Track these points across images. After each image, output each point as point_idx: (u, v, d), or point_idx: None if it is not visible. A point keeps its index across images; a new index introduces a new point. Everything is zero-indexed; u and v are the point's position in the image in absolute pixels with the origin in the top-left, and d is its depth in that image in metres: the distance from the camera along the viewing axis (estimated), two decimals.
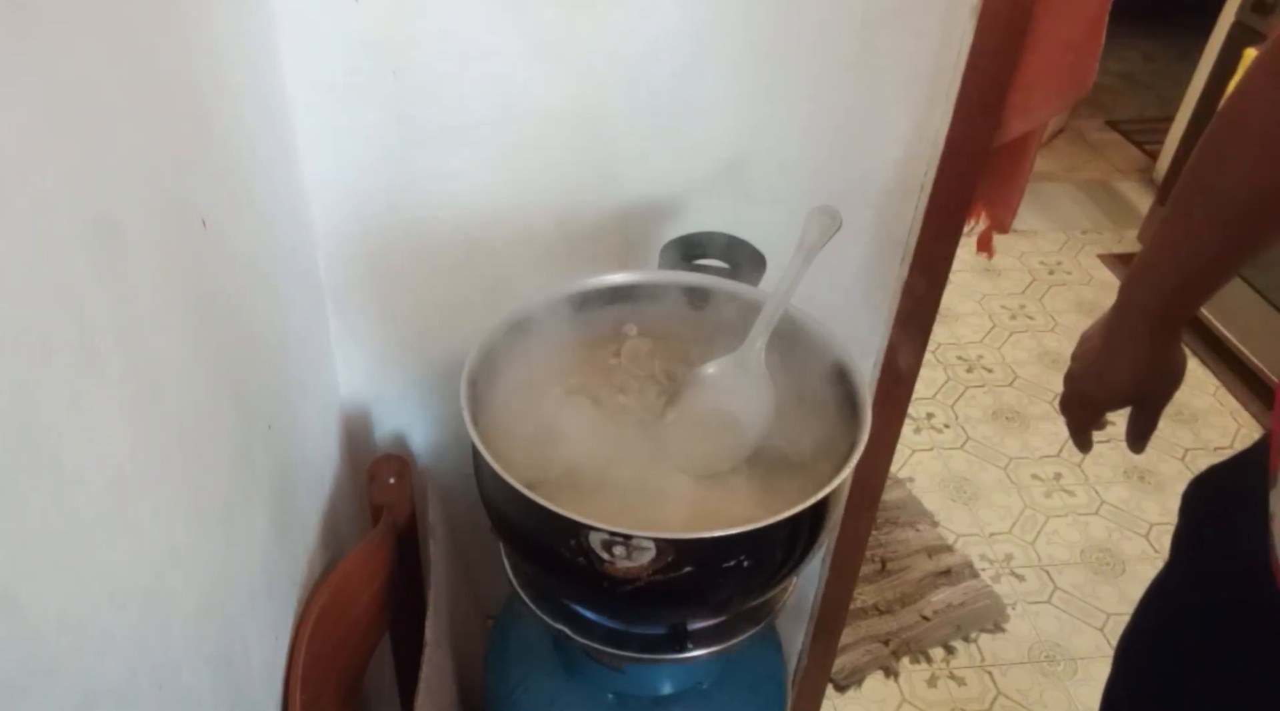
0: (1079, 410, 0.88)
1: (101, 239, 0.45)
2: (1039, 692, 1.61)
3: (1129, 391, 0.84)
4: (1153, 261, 0.79)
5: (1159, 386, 0.83)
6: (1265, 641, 0.69)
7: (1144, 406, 0.85)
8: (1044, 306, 2.57)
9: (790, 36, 0.85)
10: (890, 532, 1.88)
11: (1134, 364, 0.82)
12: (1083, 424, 0.89)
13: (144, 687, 0.49)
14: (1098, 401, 0.86)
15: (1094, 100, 3.44)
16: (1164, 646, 0.84)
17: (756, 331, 0.79)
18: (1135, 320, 0.80)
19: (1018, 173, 0.97)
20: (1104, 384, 0.84)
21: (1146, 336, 0.80)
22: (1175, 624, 0.83)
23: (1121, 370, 0.82)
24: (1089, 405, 0.87)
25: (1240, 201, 0.73)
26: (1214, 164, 0.74)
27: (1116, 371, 0.83)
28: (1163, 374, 0.82)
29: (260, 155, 0.74)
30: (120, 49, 0.48)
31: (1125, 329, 0.81)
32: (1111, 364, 0.83)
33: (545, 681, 0.92)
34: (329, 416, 0.96)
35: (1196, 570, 0.82)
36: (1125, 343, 0.82)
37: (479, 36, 0.80)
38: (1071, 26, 0.84)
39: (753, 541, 0.68)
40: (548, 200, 0.91)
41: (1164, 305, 0.78)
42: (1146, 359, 0.81)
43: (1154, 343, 0.80)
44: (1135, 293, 0.80)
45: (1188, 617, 0.81)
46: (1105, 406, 0.86)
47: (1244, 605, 0.70)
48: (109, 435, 0.45)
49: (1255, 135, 0.70)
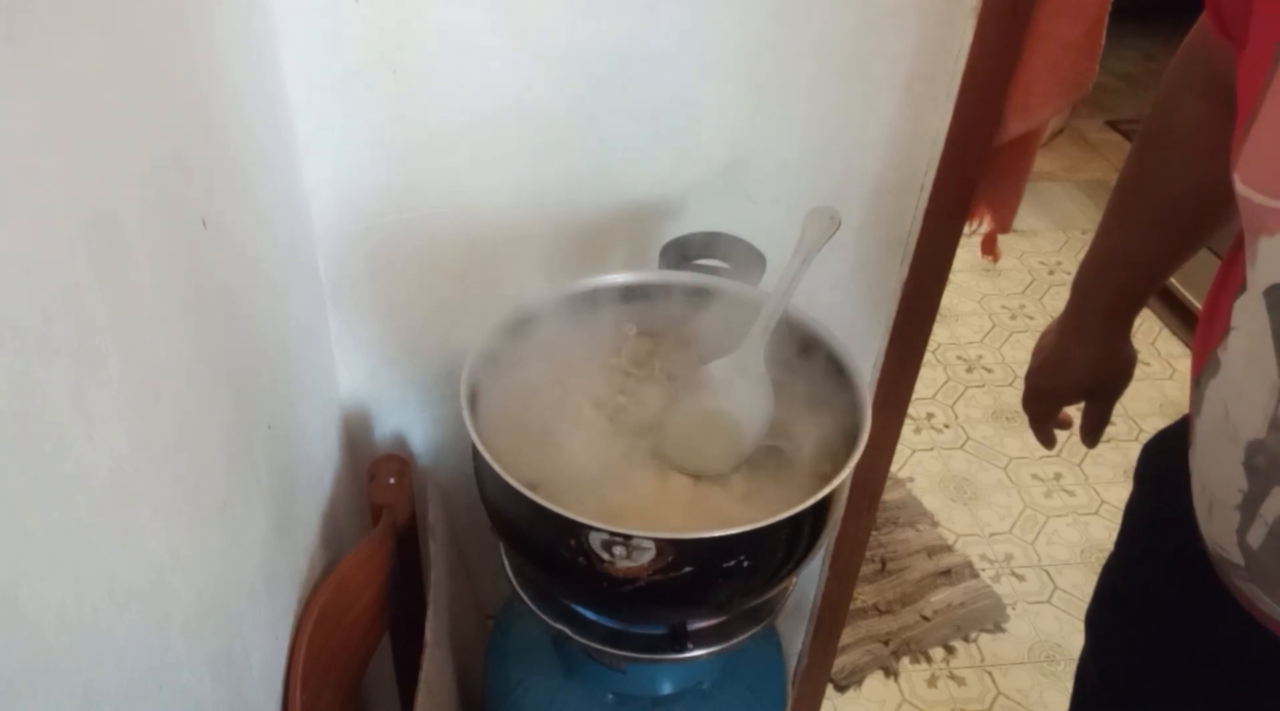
0: (1037, 404, 0.93)
1: (101, 239, 0.45)
2: (1039, 692, 1.61)
3: (1084, 382, 0.89)
4: (1099, 260, 0.83)
5: (1111, 379, 0.88)
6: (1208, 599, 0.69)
7: (1098, 399, 0.90)
8: (1044, 306, 2.57)
9: (790, 36, 0.85)
10: (890, 532, 1.88)
11: (1088, 357, 0.86)
12: (1042, 417, 0.93)
13: (144, 687, 0.49)
14: (1055, 394, 0.91)
15: (1094, 100, 3.44)
16: (1120, 615, 0.87)
17: (756, 331, 0.79)
18: (1088, 316, 0.85)
19: (1018, 173, 0.97)
20: (1060, 376, 0.89)
21: (1099, 331, 0.85)
22: (1126, 591, 0.86)
23: (1077, 363, 0.87)
24: (1046, 398, 0.92)
25: (1172, 200, 0.77)
26: (1146, 166, 0.78)
27: (1072, 364, 0.87)
28: (1115, 366, 0.87)
29: (260, 155, 0.74)
30: (120, 48, 0.48)
31: (1078, 324, 0.86)
32: (1067, 358, 0.87)
33: (545, 681, 0.92)
34: (329, 416, 0.96)
35: (1141, 535, 0.85)
36: (1079, 337, 0.86)
37: (479, 36, 0.80)
38: (1071, 26, 0.84)
39: (753, 541, 0.68)
40: (548, 200, 0.91)
41: (1113, 300, 0.83)
42: (1100, 352, 0.86)
43: (1106, 336, 0.85)
44: (1086, 290, 0.85)
45: (1135, 584, 0.85)
46: (1062, 399, 0.91)
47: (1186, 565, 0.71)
48: (109, 435, 0.45)
49: (1179, 138, 0.75)
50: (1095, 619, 0.91)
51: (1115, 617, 0.88)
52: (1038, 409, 0.93)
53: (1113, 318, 0.85)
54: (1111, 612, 0.88)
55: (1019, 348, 2.41)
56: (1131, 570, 0.85)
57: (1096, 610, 0.91)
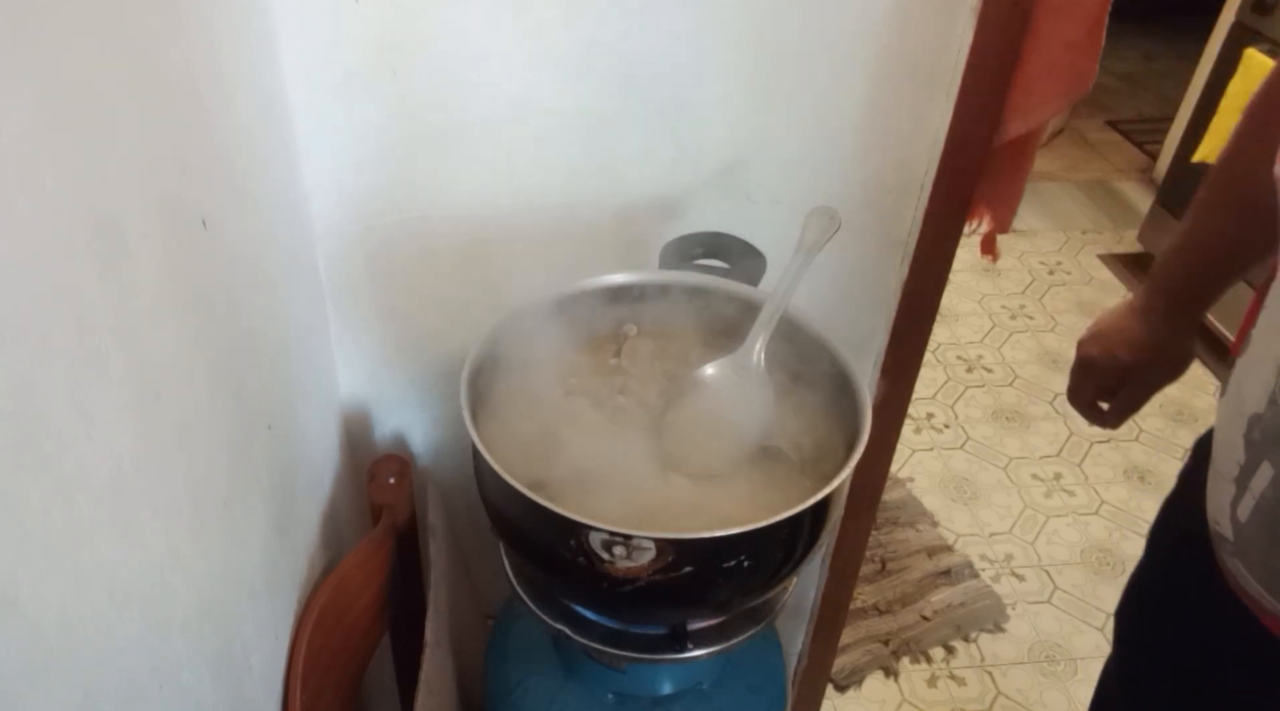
0: (1081, 376, 0.90)
1: (102, 239, 0.45)
2: (1039, 692, 1.61)
3: (1130, 358, 0.86)
4: (1181, 241, 0.82)
5: (1159, 364, 0.86)
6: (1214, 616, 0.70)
7: (1138, 384, 0.87)
8: (1044, 306, 2.57)
9: (790, 36, 0.85)
10: (890, 532, 1.88)
11: (1143, 333, 0.84)
12: (1084, 391, 0.90)
13: (144, 687, 0.49)
14: (1100, 366, 0.88)
15: (1094, 100, 3.44)
16: (1141, 625, 0.88)
17: (756, 332, 0.79)
18: (1155, 295, 0.84)
19: (1018, 173, 0.97)
20: (1110, 346, 0.87)
21: (1163, 310, 0.84)
22: (1147, 603, 0.87)
23: (1129, 336, 0.85)
24: (1089, 370, 0.89)
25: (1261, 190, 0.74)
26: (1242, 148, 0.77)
27: (1125, 336, 0.85)
28: (1167, 354, 0.85)
29: (260, 155, 0.74)
30: (121, 49, 0.48)
31: (1145, 302, 0.85)
32: (1122, 326, 0.86)
33: (545, 681, 0.92)
34: (329, 416, 0.96)
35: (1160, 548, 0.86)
36: (1143, 313, 0.85)
37: (479, 36, 0.80)
38: (1071, 26, 0.84)
39: (753, 541, 0.68)
40: (548, 200, 0.91)
41: (1185, 283, 0.83)
42: (1154, 332, 0.84)
43: (1168, 318, 0.84)
44: (1161, 269, 0.84)
45: (1154, 597, 0.85)
46: (1104, 371, 0.88)
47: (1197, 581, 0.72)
48: (109, 435, 0.45)
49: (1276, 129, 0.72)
50: (1121, 630, 0.93)
51: (1136, 634, 0.89)
52: (1080, 384, 0.91)
53: (1180, 300, 0.83)
54: (1135, 627, 0.89)
55: (1019, 348, 2.41)
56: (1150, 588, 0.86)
57: (1122, 621, 0.92)
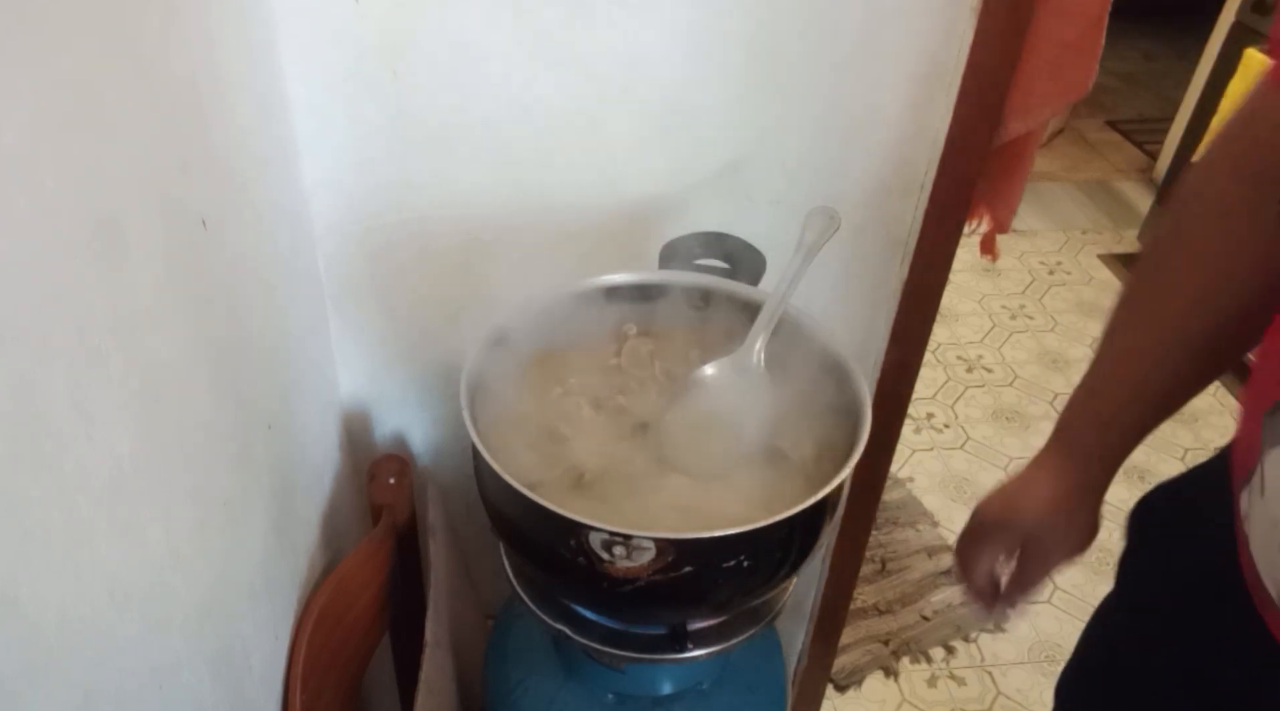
0: (968, 544, 0.77)
1: (102, 239, 0.45)
2: (1039, 692, 1.60)
3: (1026, 521, 0.74)
4: (1086, 388, 0.72)
5: (1059, 532, 0.74)
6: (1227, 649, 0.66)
7: (1036, 555, 0.75)
8: (1044, 306, 2.57)
9: (790, 36, 0.85)
10: (890, 532, 1.88)
11: (1045, 494, 0.73)
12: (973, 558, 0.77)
13: (144, 687, 0.49)
14: (992, 525, 0.75)
15: (1094, 100, 3.44)
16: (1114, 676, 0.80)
17: (756, 332, 0.79)
18: (1060, 452, 0.74)
19: (1017, 172, 0.97)
20: (1005, 506, 0.75)
21: (1068, 469, 0.73)
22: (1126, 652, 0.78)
23: (1029, 497, 0.74)
24: (982, 533, 0.76)
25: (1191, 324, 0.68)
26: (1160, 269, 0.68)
27: (1023, 496, 0.74)
28: (1069, 519, 0.74)
29: (260, 155, 0.74)
30: (121, 49, 0.48)
31: (1048, 456, 0.74)
32: (1022, 488, 0.74)
33: (545, 681, 0.92)
34: (329, 416, 0.96)
35: (1150, 589, 0.77)
36: (1043, 470, 0.74)
37: (479, 36, 0.80)
38: (1071, 26, 0.84)
39: (753, 541, 0.68)
40: (547, 200, 0.91)
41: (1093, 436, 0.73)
42: (1058, 493, 0.73)
43: (1075, 479, 0.73)
44: (1067, 421, 0.74)
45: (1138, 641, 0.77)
46: (998, 532, 0.75)
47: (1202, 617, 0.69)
48: (109, 435, 0.45)
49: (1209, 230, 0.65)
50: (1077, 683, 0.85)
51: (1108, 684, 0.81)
52: (968, 551, 0.77)
53: (1087, 457, 0.73)
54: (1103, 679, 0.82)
55: (1019, 348, 2.41)
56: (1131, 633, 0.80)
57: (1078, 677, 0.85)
